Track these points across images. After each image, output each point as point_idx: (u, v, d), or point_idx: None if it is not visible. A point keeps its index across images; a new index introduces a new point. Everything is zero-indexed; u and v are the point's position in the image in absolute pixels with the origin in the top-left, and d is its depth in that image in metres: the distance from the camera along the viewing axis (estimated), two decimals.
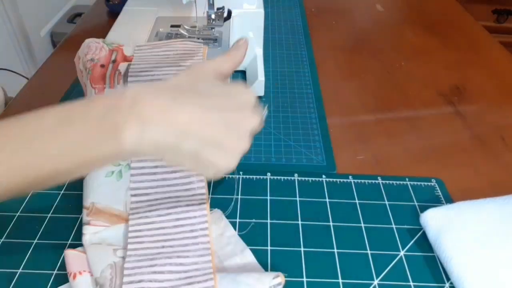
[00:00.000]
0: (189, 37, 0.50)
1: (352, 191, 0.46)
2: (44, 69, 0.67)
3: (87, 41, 0.45)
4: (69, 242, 0.40)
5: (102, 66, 0.43)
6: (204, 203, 0.39)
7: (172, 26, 0.52)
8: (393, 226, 0.42)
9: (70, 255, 0.37)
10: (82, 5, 1.90)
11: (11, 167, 0.28)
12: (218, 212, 0.42)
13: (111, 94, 0.31)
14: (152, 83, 0.31)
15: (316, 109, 0.58)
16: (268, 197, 0.45)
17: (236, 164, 0.31)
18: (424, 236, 0.41)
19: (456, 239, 0.38)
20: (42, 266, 0.38)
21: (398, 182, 0.47)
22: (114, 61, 0.43)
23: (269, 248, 0.40)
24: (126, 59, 0.43)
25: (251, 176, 0.47)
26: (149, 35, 0.50)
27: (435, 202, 0.45)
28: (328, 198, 0.45)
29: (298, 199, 0.45)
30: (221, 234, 0.40)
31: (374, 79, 0.65)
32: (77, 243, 0.40)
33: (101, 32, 0.58)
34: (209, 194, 0.43)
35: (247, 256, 0.38)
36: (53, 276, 0.37)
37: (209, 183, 0.45)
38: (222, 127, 0.30)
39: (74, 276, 0.35)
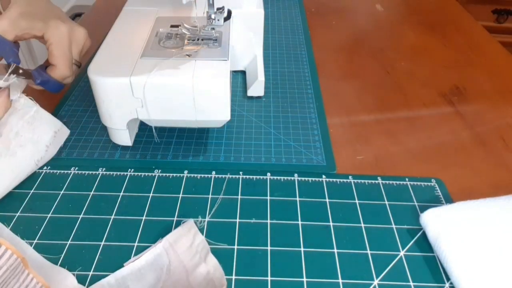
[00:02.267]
0: (189, 36, 0.50)
1: (352, 191, 0.46)
2: None
3: None
4: (69, 242, 0.40)
5: None
6: None
7: (172, 26, 0.52)
8: (393, 226, 0.42)
9: None
10: (82, 5, 1.90)
11: None
12: (190, 222, 0.41)
13: None
14: None
15: (316, 109, 0.58)
16: (268, 197, 0.45)
17: None
18: (424, 236, 0.41)
19: (456, 239, 0.39)
20: None
21: (398, 182, 0.47)
22: None
23: (269, 248, 0.40)
24: None
25: (251, 176, 0.47)
26: (149, 35, 0.50)
27: (435, 202, 0.45)
28: (328, 198, 0.45)
29: (298, 199, 0.45)
30: (190, 245, 0.39)
31: (374, 79, 0.65)
32: (77, 243, 0.40)
33: (101, 32, 0.58)
34: None
35: (210, 261, 0.38)
36: None
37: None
38: None
39: None
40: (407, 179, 0.47)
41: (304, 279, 0.38)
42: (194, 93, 0.44)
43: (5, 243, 0.32)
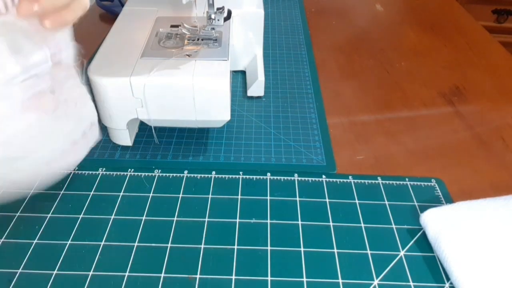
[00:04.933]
0: (189, 36, 0.50)
1: (352, 191, 0.46)
2: None
3: None
4: (69, 242, 0.40)
5: None
6: None
7: (172, 26, 0.52)
8: (393, 226, 0.42)
9: None
10: None
11: None
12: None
13: None
14: None
15: (316, 109, 0.58)
16: (268, 197, 0.45)
17: None
18: (424, 236, 0.41)
19: (456, 239, 0.39)
20: (42, 266, 0.38)
21: (398, 182, 0.47)
22: None
23: (269, 248, 0.40)
24: None
25: (251, 176, 0.47)
26: (149, 35, 0.50)
27: (435, 202, 0.45)
28: (328, 198, 0.45)
29: (298, 199, 0.45)
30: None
31: (374, 79, 0.65)
32: (77, 243, 0.40)
33: (101, 32, 0.58)
34: None
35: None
36: (53, 277, 0.37)
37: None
38: None
39: None
40: (407, 179, 0.47)
41: (304, 279, 0.38)
42: (194, 93, 0.44)
43: None
